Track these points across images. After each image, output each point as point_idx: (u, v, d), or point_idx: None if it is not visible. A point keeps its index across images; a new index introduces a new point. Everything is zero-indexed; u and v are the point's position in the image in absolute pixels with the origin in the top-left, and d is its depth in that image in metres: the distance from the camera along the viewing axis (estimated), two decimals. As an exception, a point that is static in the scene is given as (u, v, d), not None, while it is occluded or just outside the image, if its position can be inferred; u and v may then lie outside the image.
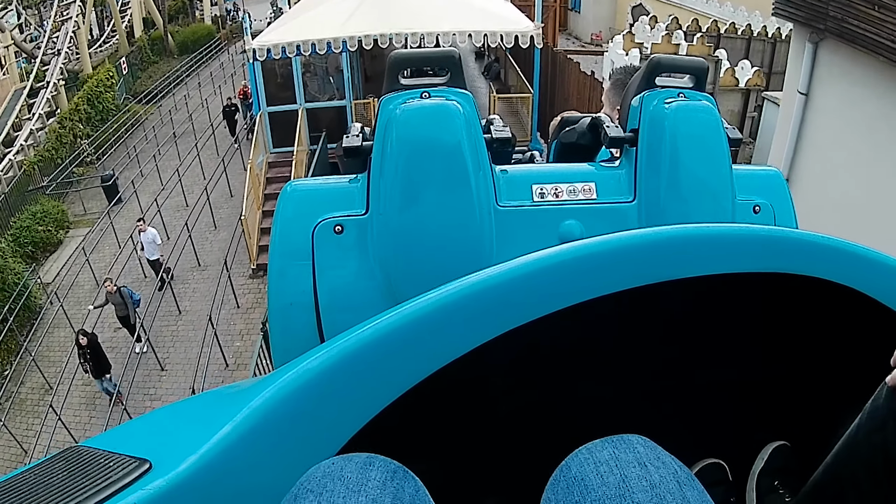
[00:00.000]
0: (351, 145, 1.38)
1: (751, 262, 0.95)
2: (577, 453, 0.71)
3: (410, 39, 13.62)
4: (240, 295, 14.98)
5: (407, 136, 1.31)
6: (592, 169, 1.49)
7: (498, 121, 1.48)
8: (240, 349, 13.88)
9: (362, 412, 0.78)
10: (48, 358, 14.90)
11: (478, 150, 1.34)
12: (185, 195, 20.05)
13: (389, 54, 1.40)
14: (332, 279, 1.35)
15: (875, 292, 0.98)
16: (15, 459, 12.77)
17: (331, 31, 14.03)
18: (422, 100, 1.35)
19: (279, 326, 1.41)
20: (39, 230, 19.75)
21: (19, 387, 14.56)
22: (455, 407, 0.97)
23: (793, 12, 7.50)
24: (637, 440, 0.71)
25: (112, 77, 30.72)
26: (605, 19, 33.86)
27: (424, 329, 0.81)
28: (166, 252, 16.58)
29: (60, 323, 15.85)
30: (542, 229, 1.38)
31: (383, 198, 1.32)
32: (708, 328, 1.07)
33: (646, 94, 1.44)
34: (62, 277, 17.93)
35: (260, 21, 30.77)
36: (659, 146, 1.40)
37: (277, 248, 1.40)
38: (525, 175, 1.44)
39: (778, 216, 1.54)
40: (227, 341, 13.68)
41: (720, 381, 1.13)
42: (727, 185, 1.43)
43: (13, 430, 13.00)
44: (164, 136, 26.10)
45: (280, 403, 0.74)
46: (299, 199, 1.42)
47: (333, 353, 0.77)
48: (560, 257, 0.87)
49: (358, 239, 1.35)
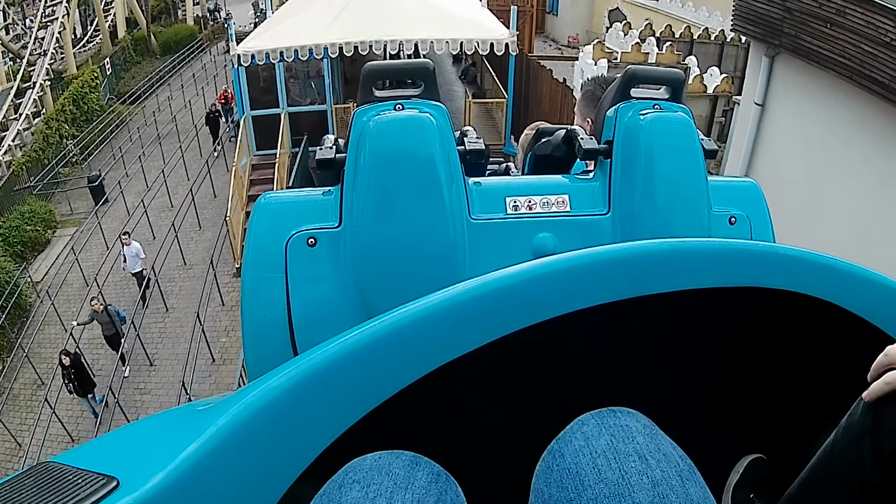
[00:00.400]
0: (324, 157, 1.37)
1: (726, 278, 0.95)
2: (570, 438, 0.69)
3: (390, 46, 14.20)
4: (225, 293, 15.38)
5: (380, 149, 1.30)
6: (566, 181, 1.49)
7: (472, 132, 1.46)
8: (225, 345, 14.26)
9: (333, 427, 0.78)
10: (39, 354, 15.24)
11: (451, 163, 1.33)
12: (170, 196, 20.37)
13: (363, 66, 1.39)
14: (306, 292, 1.34)
15: (853, 306, 0.98)
16: (10, 453, 13.18)
17: (313, 38, 14.58)
18: (395, 112, 1.33)
19: (252, 339, 1.40)
20: (28, 230, 19.95)
21: (12, 382, 14.84)
22: (430, 420, 0.96)
23: (750, 28, 7.96)
24: (634, 425, 0.69)
25: (97, 78, 30.82)
26: (581, 22, 33.94)
27: (396, 343, 0.80)
28: (153, 251, 16.95)
29: (51, 320, 16.21)
30: (515, 242, 1.37)
31: (356, 210, 1.31)
32: (683, 341, 1.06)
33: (621, 106, 1.44)
34: (51, 276, 18.26)
35: (242, 27, 31.00)
36: (634, 158, 1.40)
37: (251, 260, 1.40)
38: (498, 188, 1.42)
39: (754, 227, 1.53)
40: (214, 337, 14.10)
41: (695, 393, 1.11)
42: (702, 196, 1.43)
43: (7, 425, 13.34)
44: (149, 137, 26.26)
45: (248, 420, 0.73)
46: (273, 211, 1.41)
47: (302, 369, 0.77)
48: (532, 272, 0.87)
49: (331, 252, 1.34)
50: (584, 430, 0.69)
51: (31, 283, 17.86)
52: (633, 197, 1.40)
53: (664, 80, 1.47)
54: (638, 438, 0.66)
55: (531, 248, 1.36)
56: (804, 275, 0.97)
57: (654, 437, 0.68)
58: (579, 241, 1.32)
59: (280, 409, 0.75)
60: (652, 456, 0.63)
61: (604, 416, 0.70)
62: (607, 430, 0.68)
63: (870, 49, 6.28)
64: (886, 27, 6.04)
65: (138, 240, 16.35)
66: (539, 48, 32.25)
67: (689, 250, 0.95)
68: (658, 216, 1.38)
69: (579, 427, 0.70)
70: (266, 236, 1.36)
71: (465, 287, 0.84)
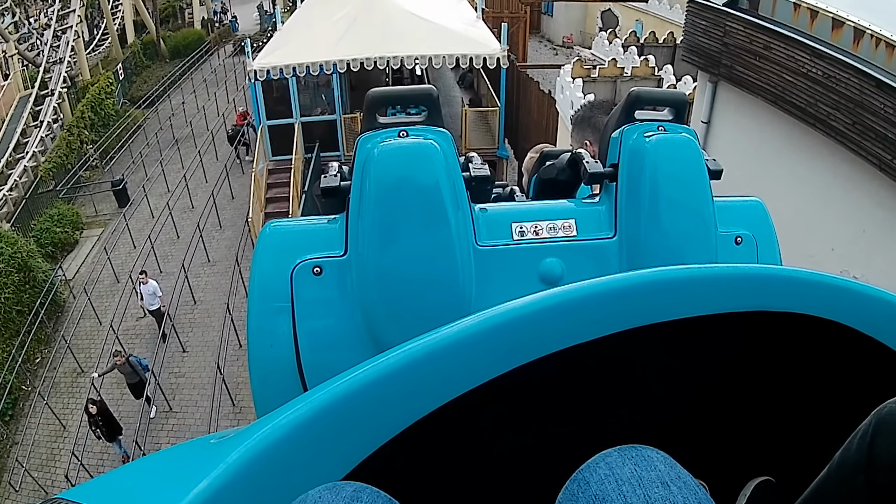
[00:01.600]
0: (329, 185, 1.34)
1: (736, 303, 0.94)
2: (595, 467, 0.70)
3: (392, 62, 15.59)
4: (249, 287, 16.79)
5: (385, 176, 1.27)
6: (572, 205, 1.46)
7: (476, 159, 1.44)
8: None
9: (344, 462, 0.78)
10: (76, 345, 16.64)
11: (456, 189, 1.30)
12: (191, 198, 21.82)
13: (367, 93, 1.36)
14: (312, 321, 1.31)
15: (865, 327, 0.97)
16: (55, 434, 14.67)
17: (323, 55, 16.03)
18: (399, 139, 1.30)
19: (259, 369, 1.38)
20: (57, 231, 21.20)
21: (53, 372, 16.29)
22: (439, 453, 0.93)
23: (695, 59, 8.95)
24: (655, 456, 0.70)
25: (111, 84, 31.59)
26: (575, 23, 35.08)
27: (406, 378, 0.79)
28: (179, 250, 18.50)
29: (85, 315, 17.66)
30: (522, 268, 1.35)
31: (362, 238, 1.28)
32: (693, 366, 1.04)
33: (625, 128, 1.42)
34: (82, 274, 19.72)
35: (247, 33, 31.92)
36: (639, 180, 1.37)
37: (256, 289, 1.36)
38: (504, 213, 1.39)
39: (760, 247, 1.51)
40: (241, 326, 15.22)
41: (702, 416, 1.09)
42: (708, 217, 1.41)
43: (45, 414, 14.78)
44: (165, 140, 27.47)
45: (257, 458, 0.72)
46: (278, 240, 1.38)
47: (311, 406, 0.75)
48: (544, 303, 0.85)
49: (337, 280, 1.32)
50: (608, 460, 0.69)
51: (64, 281, 19.13)
52: (639, 219, 1.38)
53: (668, 102, 1.47)
54: (660, 467, 0.67)
55: (538, 274, 1.35)
56: (813, 296, 0.96)
57: (674, 466, 0.68)
58: (586, 265, 1.34)
59: (290, 446, 0.74)
60: (674, 483, 0.65)
61: (626, 449, 0.71)
62: (630, 459, 0.68)
63: (790, 78, 7.24)
64: (803, 59, 7.01)
65: (164, 245, 18.02)
66: (534, 48, 33.52)
67: (700, 277, 0.94)
68: (664, 238, 1.37)
69: (603, 458, 0.70)
70: (271, 265, 1.34)
71: (474, 321, 0.82)
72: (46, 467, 14.02)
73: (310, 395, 0.77)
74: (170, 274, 17.98)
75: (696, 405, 1.08)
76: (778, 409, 1.10)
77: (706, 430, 1.09)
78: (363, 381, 0.78)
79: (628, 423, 1.02)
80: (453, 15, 18.48)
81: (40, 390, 15.35)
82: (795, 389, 1.08)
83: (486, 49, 16.29)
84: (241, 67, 34.83)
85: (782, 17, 7.45)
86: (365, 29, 16.41)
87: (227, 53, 39.99)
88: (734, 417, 1.10)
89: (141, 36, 40.35)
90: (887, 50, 6.26)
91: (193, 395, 14.73)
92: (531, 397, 0.96)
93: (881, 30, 6.38)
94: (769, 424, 1.11)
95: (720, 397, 1.08)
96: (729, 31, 8.04)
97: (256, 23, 47.37)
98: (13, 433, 15.06)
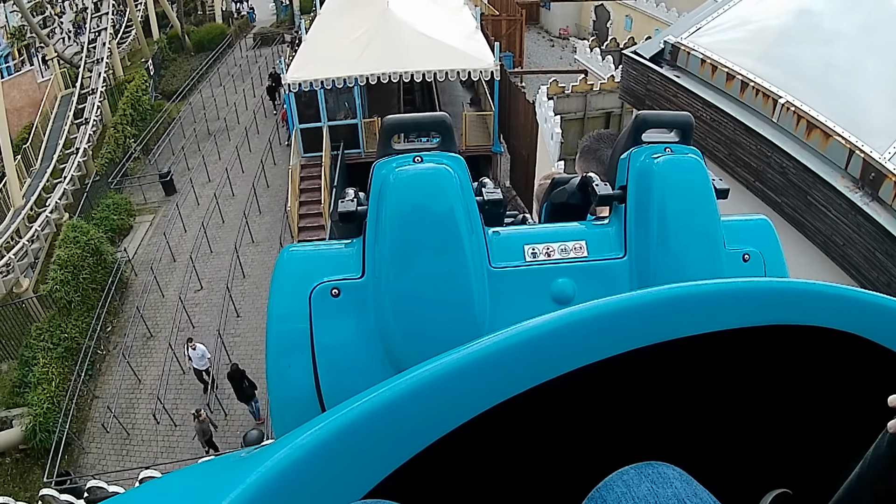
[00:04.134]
0: (346, 210, 1.35)
1: (751, 317, 0.94)
2: (612, 485, 0.70)
3: (404, 76, 18.72)
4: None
5: (400, 201, 1.27)
6: (583, 227, 1.46)
7: (489, 183, 1.45)
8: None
9: (361, 484, 0.78)
10: (144, 315, 19.69)
11: (470, 213, 1.31)
12: (231, 187, 24.81)
13: (382, 120, 1.39)
14: (330, 341, 1.30)
15: (877, 336, 0.97)
16: (132, 387, 17.74)
17: (346, 71, 19.16)
18: (414, 164, 1.31)
19: (278, 389, 1.36)
20: (115, 219, 23.96)
21: (124, 338, 19.38)
22: (457, 471, 0.93)
23: (629, 98, 10.49)
24: (672, 473, 0.70)
25: (146, 80, 33.63)
26: (571, 16, 37.58)
27: (423, 399, 0.79)
28: (227, 233, 21.62)
29: (148, 289, 20.77)
30: (535, 288, 1.35)
31: (378, 261, 1.29)
32: (708, 381, 1.03)
33: (633, 151, 1.43)
34: (139, 255, 22.78)
35: (264, 25, 34.64)
36: (647, 201, 1.39)
37: (275, 310, 1.36)
38: (517, 236, 1.40)
39: (768, 263, 1.51)
40: None
41: (719, 429, 1.08)
42: (716, 235, 1.42)
43: (124, 370, 17.97)
44: (201, 133, 30.20)
45: (276, 479, 0.73)
46: (296, 263, 1.38)
47: (331, 427, 0.76)
48: (558, 323, 0.85)
49: (354, 302, 1.31)
50: (625, 478, 0.69)
51: (127, 261, 22.12)
52: (648, 239, 1.38)
53: (673, 124, 1.48)
54: (676, 484, 0.67)
55: (551, 294, 1.35)
56: (828, 309, 0.96)
57: (690, 483, 0.68)
58: (597, 285, 1.34)
59: (309, 466, 0.74)
60: (690, 500, 0.65)
61: (642, 467, 0.71)
62: (647, 477, 0.69)
63: (691, 122, 9.68)
64: (697, 106, 8.43)
65: (209, 246, 20.77)
66: (533, 39, 36.49)
67: (716, 293, 0.94)
68: (674, 257, 1.37)
69: (619, 476, 0.70)
70: (290, 288, 1.34)
71: (489, 342, 0.82)
72: (127, 414, 17.11)
73: (329, 416, 0.77)
74: (219, 253, 21.19)
75: (711, 419, 1.06)
76: (792, 421, 1.09)
77: (721, 443, 1.07)
78: (381, 401, 0.78)
79: (645, 438, 1.01)
80: (455, 27, 21.53)
81: (123, 351, 18.52)
82: (810, 401, 1.07)
83: (482, 64, 19.34)
84: (262, 61, 37.65)
85: (693, 69, 8.76)
86: (380, 46, 19.43)
87: (248, 46, 41.75)
88: (749, 430, 1.08)
89: (165, 30, 41.74)
90: (764, 98, 7.67)
91: (249, 350, 17.67)
92: (549, 414, 0.94)
93: (762, 82, 7.69)
94: (784, 436, 1.10)
95: (734, 411, 1.06)
96: (650, 79, 9.52)
97: (273, 13, 49.03)
98: (93, 389, 18.15)
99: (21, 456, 16.93)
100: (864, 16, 7.99)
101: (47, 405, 16.65)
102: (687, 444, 0.98)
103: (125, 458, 15.84)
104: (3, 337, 19.66)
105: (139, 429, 16.81)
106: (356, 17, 21.31)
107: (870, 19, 7.88)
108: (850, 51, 7.61)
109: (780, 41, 8.36)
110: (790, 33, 8.28)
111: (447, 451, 0.82)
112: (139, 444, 16.37)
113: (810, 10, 8.39)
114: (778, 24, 8.50)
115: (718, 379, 1.03)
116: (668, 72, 9.46)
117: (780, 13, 8.64)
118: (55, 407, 16.76)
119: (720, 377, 1.03)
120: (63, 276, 19.45)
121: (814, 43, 7.92)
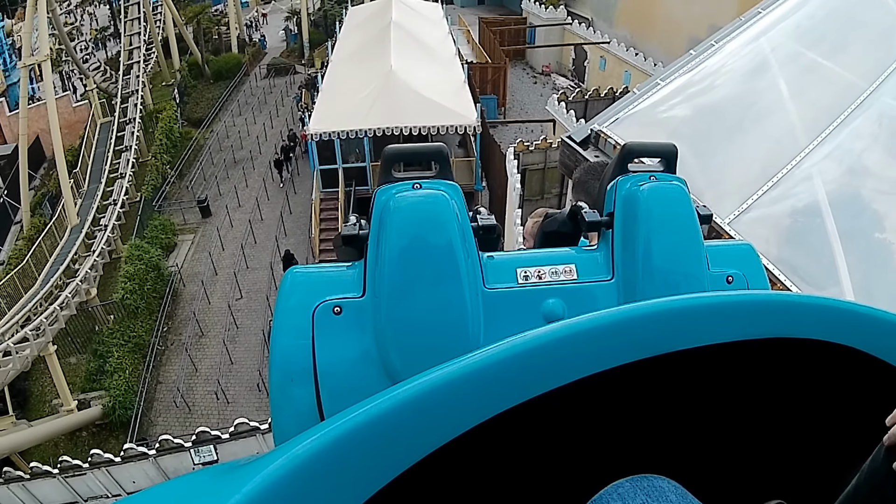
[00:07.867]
0: (349, 233, 1.37)
1: (749, 330, 0.95)
2: (607, 498, 0.70)
3: (404, 129, 23.60)
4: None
5: (400, 225, 1.30)
6: (573, 252, 1.49)
7: (484, 211, 1.47)
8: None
9: (359, 493, 0.78)
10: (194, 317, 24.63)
11: (466, 237, 1.34)
12: (260, 211, 29.54)
13: (383, 149, 1.43)
14: (331, 357, 1.31)
15: (873, 349, 0.98)
16: (190, 374, 22.58)
17: (357, 125, 23.85)
18: (414, 190, 1.33)
19: (280, 402, 1.37)
20: (162, 237, 28.42)
21: (179, 336, 24.30)
22: (453, 483, 0.93)
23: (563, 170, 12.13)
24: (667, 486, 0.70)
25: (175, 110, 37.66)
26: (554, 53, 41.15)
27: (419, 411, 0.80)
28: (259, 251, 26.21)
29: (196, 297, 25.60)
30: (526, 308, 1.38)
31: (378, 281, 1.31)
32: (705, 393, 1.05)
33: (619, 179, 1.46)
34: (184, 269, 27.51)
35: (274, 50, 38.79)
36: (633, 225, 1.42)
37: (279, 328, 1.36)
38: (510, 260, 1.43)
39: (751, 286, 1.54)
40: None
41: (715, 439, 1.10)
42: (700, 258, 1.45)
43: (183, 361, 22.76)
44: (227, 161, 34.61)
45: (273, 487, 0.73)
46: (300, 283, 1.39)
47: (327, 436, 0.76)
48: (555, 335, 0.86)
49: (355, 320, 1.32)
50: (620, 491, 0.69)
51: (178, 274, 27.02)
52: (634, 262, 1.41)
53: (658, 154, 1.52)
54: (671, 497, 0.67)
55: (542, 314, 1.37)
56: (826, 322, 0.96)
57: (685, 496, 0.68)
58: (586, 305, 1.37)
59: (306, 475, 0.74)
60: None
61: (637, 479, 0.71)
62: (642, 490, 0.68)
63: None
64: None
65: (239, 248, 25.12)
66: (517, 75, 40.26)
67: (715, 305, 0.94)
68: (658, 278, 1.41)
69: (615, 489, 0.70)
70: (293, 306, 1.34)
71: (483, 354, 0.83)
72: (188, 395, 22.03)
73: (326, 426, 0.77)
74: (254, 269, 25.97)
75: (708, 431, 1.07)
76: (789, 434, 1.10)
77: (717, 456, 1.08)
78: (378, 411, 0.78)
79: (640, 450, 1.01)
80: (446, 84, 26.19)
81: (184, 346, 23.42)
82: (805, 414, 1.07)
83: (466, 121, 24.06)
84: (276, 91, 41.98)
85: (609, 152, 9.78)
86: (385, 104, 24.06)
87: (261, 75, 45.64)
88: (745, 443, 1.09)
89: (185, 58, 45.43)
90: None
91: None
92: (544, 427, 0.94)
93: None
94: (780, 449, 1.11)
95: (731, 423, 1.07)
96: (578, 159, 10.40)
97: (282, 40, 52.88)
98: (157, 377, 23.06)
99: (97, 430, 21.71)
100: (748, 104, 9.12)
101: (125, 387, 21.60)
102: (683, 456, 1.01)
103: (188, 429, 20.15)
104: (74, 335, 24.50)
105: (199, 405, 21.70)
106: (366, 74, 25.93)
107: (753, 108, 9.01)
108: (727, 137, 8.89)
109: (675, 131, 9.49)
110: (681, 125, 9.63)
111: (443, 463, 0.82)
112: (199, 416, 21.17)
113: (707, 106, 9.71)
114: (679, 114, 9.86)
115: (715, 391, 1.05)
116: (590, 154, 11.77)
117: (683, 108, 9.95)
118: (131, 389, 21.76)
119: (717, 389, 1.05)
120: (132, 287, 24.30)
121: (698, 130, 9.25)
